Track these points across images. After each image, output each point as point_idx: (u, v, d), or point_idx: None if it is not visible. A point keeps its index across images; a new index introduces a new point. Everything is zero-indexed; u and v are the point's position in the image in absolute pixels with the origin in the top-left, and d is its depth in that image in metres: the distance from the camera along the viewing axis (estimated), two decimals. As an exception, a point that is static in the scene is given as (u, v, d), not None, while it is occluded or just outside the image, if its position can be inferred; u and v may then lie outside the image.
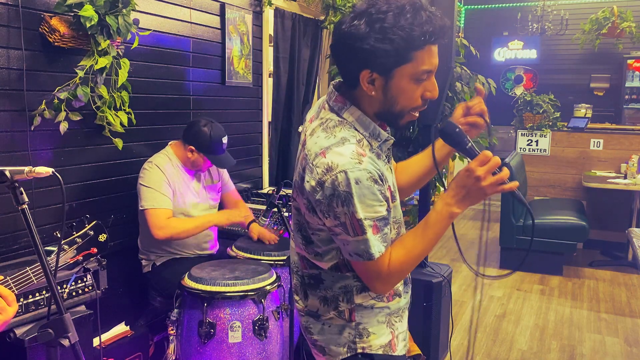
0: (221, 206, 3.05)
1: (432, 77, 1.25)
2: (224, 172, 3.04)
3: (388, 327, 1.41)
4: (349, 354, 1.38)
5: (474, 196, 1.23)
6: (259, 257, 2.72)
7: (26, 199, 1.26)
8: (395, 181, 1.42)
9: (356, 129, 1.26)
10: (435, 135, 1.48)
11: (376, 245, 1.23)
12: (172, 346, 2.40)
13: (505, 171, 1.21)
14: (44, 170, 1.29)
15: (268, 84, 4.07)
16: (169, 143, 2.83)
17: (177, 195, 2.71)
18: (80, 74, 2.33)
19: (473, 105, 1.42)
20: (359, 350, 1.38)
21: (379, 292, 1.33)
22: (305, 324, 1.44)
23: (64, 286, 2.09)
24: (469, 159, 1.27)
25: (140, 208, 2.61)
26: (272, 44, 4.15)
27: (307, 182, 1.23)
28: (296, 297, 1.47)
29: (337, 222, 1.21)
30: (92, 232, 1.80)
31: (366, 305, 1.36)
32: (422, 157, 1.55)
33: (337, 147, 1.21)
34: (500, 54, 8.57)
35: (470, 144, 1.29)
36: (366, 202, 1.19)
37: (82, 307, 2.18)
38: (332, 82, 1.36)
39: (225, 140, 2.76)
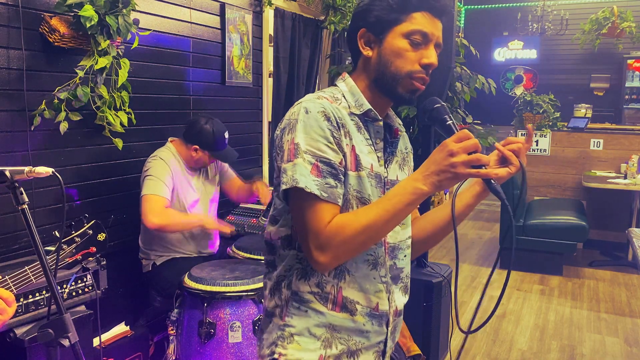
0: (222, 207, 3.05)
1: (431, 46, 1.20)
2: (222, 163, 3.02)
3: (322, 348, 1.21)
4: (268, 358, 1.25)
5: (442, 173, 1.06)
6: (259, 257, 2.72)
7: (26, 199, 1.26)
8: (389, 175, 1.28)
9: (344, 96, 1.25)
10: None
11: (306, 178, 1.10)
12: (172, 346, 2.40)
13: (484, 156, 1.07)
14: (44, 170, 1.28)
15: (268, 84, 4.07)
16: (169, 139, 2.83)
17: (177, 191, 2.71)
18: (80, 74, 2.33)
19: (511, 142, 1.21)
20: (275, 356, 1.23)
21: (315, 260, 1.12)
22: (262, 322, 1.33)
23: (64, 286, 2.09)
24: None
25: (141, 195, 2.57)
26: (272, 44, 4.15)
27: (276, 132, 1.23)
28: (264, 294, 1.35)
29: (281, 153, 1.15)
30: (90, 232, 1.80)
31: (302, 298, 1.21)
32: (441, 208, 1.37)
33: (311, 95, 1.23)
34: (500, 54, 8.58)
35: (450, 121, 1.19)
36: (309, 134, 1.13)
37: (82, 307, 2.18)
38: None
39: (226, 134, 2.80)
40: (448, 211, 1.33)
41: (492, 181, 1.12)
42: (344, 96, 1.25)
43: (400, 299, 1.34)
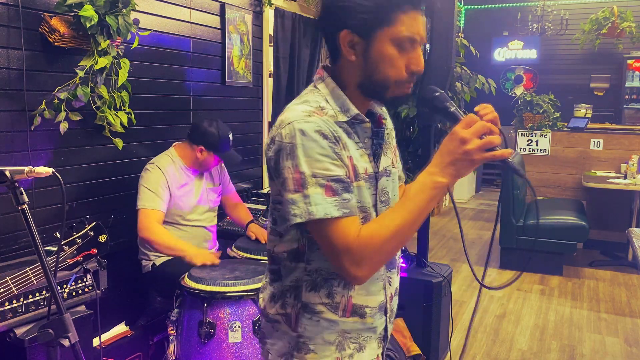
0: (221, 208, 3.06)
1: (418, 49, 1.16)
2: (225, 174, 3.05)
3: (337, 351, 1.23)
4: None
5: (459, 162, 1.06)
6: (259, 257, 2.72)
7: (26, 199, 1.26)
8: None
9: (327, 101, 1.18)
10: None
11: (322, 205, 1.07)
12: (172, 346, 2.40)
13: (496, 137, 1.06)
14: (44, 170, 1.29)
15: (268, 84, 4.07)
16: (173, 144, 2.84)
17: (176, 197, 2.71)
18: (80, 74, 2.33)
19: (484, 114, 1.16)
20: None
21: (352, 274, 1.10)
22: (261, 323, 1.34)
23: (64, 286, 2.09)
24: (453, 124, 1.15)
25: (136, 207, 2.64)
26: (272, 44, 4.15)
27: (267, 142, 1.17)
28: (261, 296, 1.36)
29: (281, 179, 1.11)
30: (92, 233, 1.80)
31: (313, 309, 1.21)
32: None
33: (295, 105, 1.17)
34: (500, 54, 8.58)
35: (454, 108, 1.16)
36: (312, 156, 1.08)
37: (82, 307, 2.18)
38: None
39: (231, 136, 2.82)
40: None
41: (508, 159, 1.08)
42: (326, 101, 1.18)
43: (396, 281, 1.36)
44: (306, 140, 1.08)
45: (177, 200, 2.72)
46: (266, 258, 2.91)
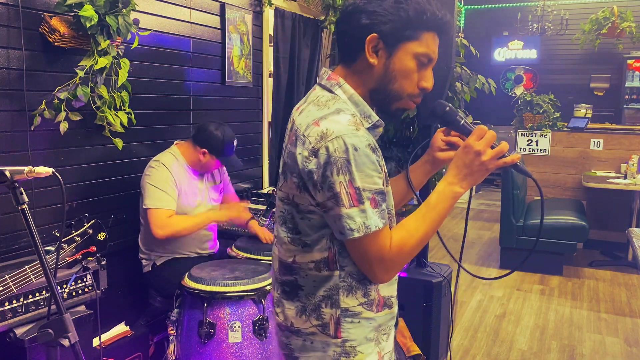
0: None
1: (430, 68, 1.24)
2: (225, 174, 3.05)
3: (376, 346, 1.27)
4: None
5: (476, 173, 1.19)
6: (259, 257, 2.72)
7: (26, 199, 1.27)
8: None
9: (349, 107, 1.21)
10: (414, 154, 1.51)
11: (373, 219, 1.12)
12: (172, 346, 2.40)
13: (504, 144, 1.18)
14: (44, 170, 1.29)
15: (268, 84, 4.07)
16: (175, 142, 2.84)
17: (181, 195, 2.71)
18: (80, 74, 2.33)
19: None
20: None
21: (380, 279, 1.20)
22: (286, 340, 1.30)
23: (64, 286, 2.09)
24: (464, 137, 1.26)
25: (144, 207, 2.61)
26: (272, 44, 4.15)
27: (299, 154, 1.15)
28: (276, 310, 1.34)
29: (330, 193, 1.11)
30: (91, 231, 1.80)
31: (354, 312, 1.23)
32: (397, 179, 1.47)
33: (332, 115, 1.15)
34: (500, 54, 8.58)
35: (463, 121, 1.27)
36: (365, 171, 1.11)
37: (82, 307, 2.18)
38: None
39: (235, 142, 2.82)
40: (400, 186, 1.46)
41: (518, 164, 1.19)
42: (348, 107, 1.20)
43: None
44: (359, 156, 1.10)
45: (182, 199, 2.72)
46: (266, 258, 2.92)
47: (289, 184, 1.20)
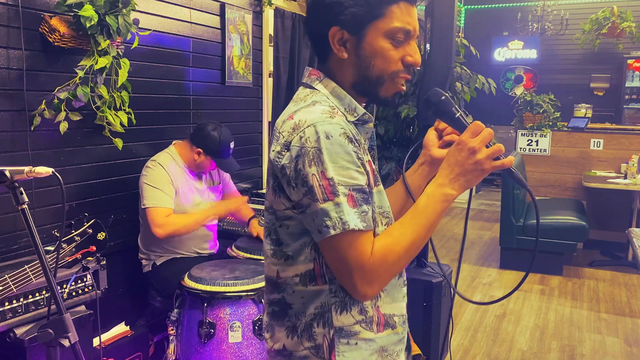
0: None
1: (413, 41, 1.12)
2: (224, 174, 3.04)
3: None
4: None
5: (469, 173, 1.04)
6: (259, 257, 2.72)
7: (26, 199, 1.26)
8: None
9: (329, 101, 1.11)
10: (407, 163, 1.33)
11: (351, 216, 0.99)
12: (172, 346, 2.40)
13: (499, 145, 1.04)
14: (44, 170, 1.28)
15: (268, 84, 4.07)
16: (173, 142, 2.84)
17: (179, 194, 2.71)
18: (80, 74, 2.33)
19: (443, 128, 1.24)
20: None
21: (363, 294, 1.04)
22: None
23: (64, 286, 2.09)
24: (458, 133, 1.13)
25: (142, 207, 2.61)
26: (272, 44, 4.15)
27: (273, 150, 1.07)
28: (266, 336, 1.21)
29: (305, 188, 1.00)
30: (90, 230, 1.80)
31: (349, 331, 1.10)
32: (395, 186, 1.33)
33: (307, 107, 1.07)
34: (500, 54, 8.59)
35: (459, 114, 1.13)
36: (339, 162, 1.00)
37: (82, 307, 2.18)
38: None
39: (232, 145, 2.80)
40: (399, 193, 1.31)
41: (513, 170, 1.06)
42: (328, 99, 1.11)
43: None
44: (331, 145, 1.00)
45: (180, 198, 2.72)
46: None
47: (269, 191, 1.11)
